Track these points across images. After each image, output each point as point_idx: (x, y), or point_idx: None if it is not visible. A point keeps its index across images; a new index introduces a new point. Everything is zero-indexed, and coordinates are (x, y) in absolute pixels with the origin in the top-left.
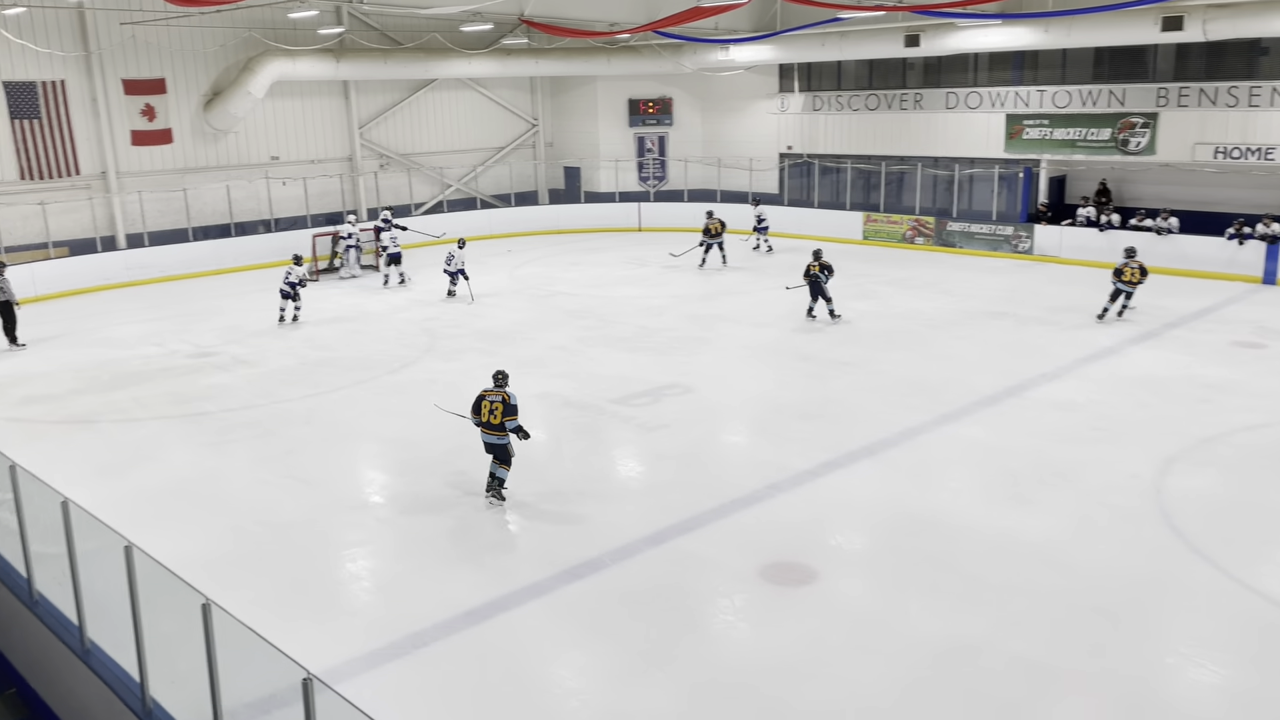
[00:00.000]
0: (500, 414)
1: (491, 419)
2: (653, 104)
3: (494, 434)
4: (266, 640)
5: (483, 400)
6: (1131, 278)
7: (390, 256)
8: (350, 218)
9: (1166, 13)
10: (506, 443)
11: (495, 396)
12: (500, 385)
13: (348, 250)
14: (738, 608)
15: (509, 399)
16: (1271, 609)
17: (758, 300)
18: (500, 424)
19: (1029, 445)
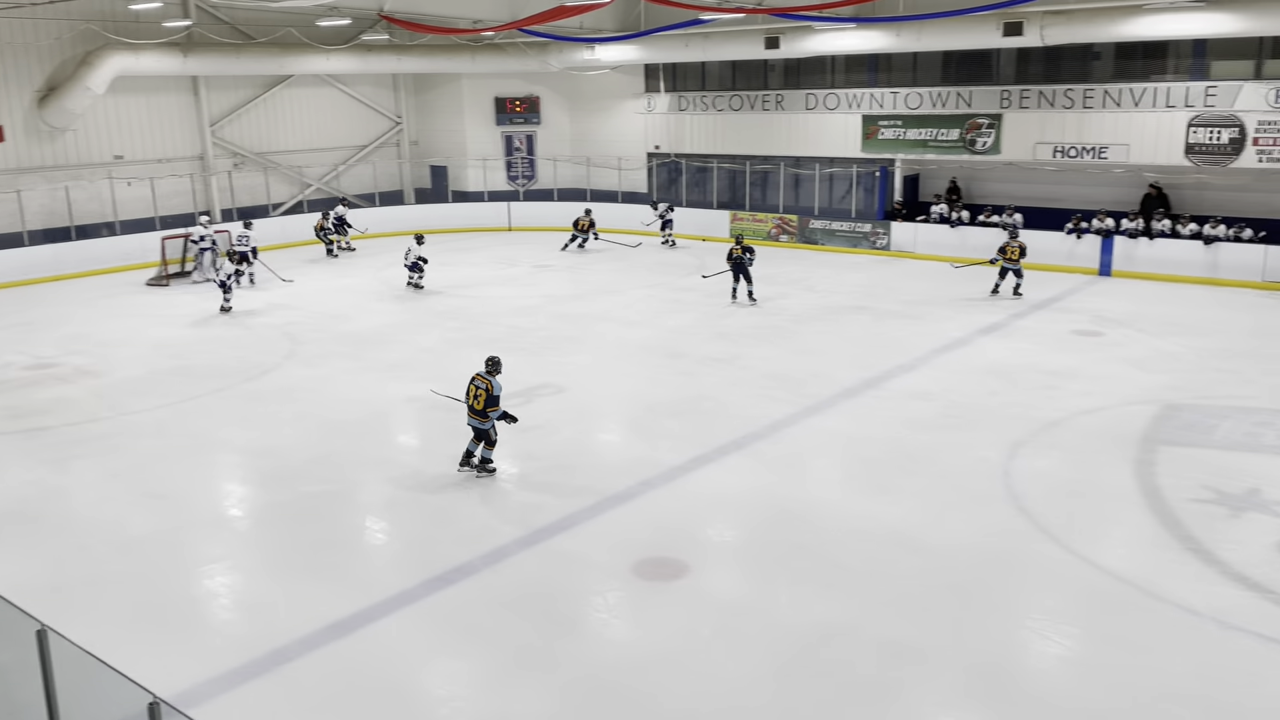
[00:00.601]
0: (483, 401)
1: (475, 404)
2: (520, 103)
3: (476, 418)
4: (108, 665)
5: (470, 384)
6: (1012, 255)
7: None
8: (203, 219)
9: (1007, 18)
10: (489, 427)
11: (480, 383)
12: (489, 373)
13: (201, 254)
14: (611, 605)
15: (492, 388)
16: (1111, 582)
17: (629, 299)
18: (483, 410)
19: (887, 434)
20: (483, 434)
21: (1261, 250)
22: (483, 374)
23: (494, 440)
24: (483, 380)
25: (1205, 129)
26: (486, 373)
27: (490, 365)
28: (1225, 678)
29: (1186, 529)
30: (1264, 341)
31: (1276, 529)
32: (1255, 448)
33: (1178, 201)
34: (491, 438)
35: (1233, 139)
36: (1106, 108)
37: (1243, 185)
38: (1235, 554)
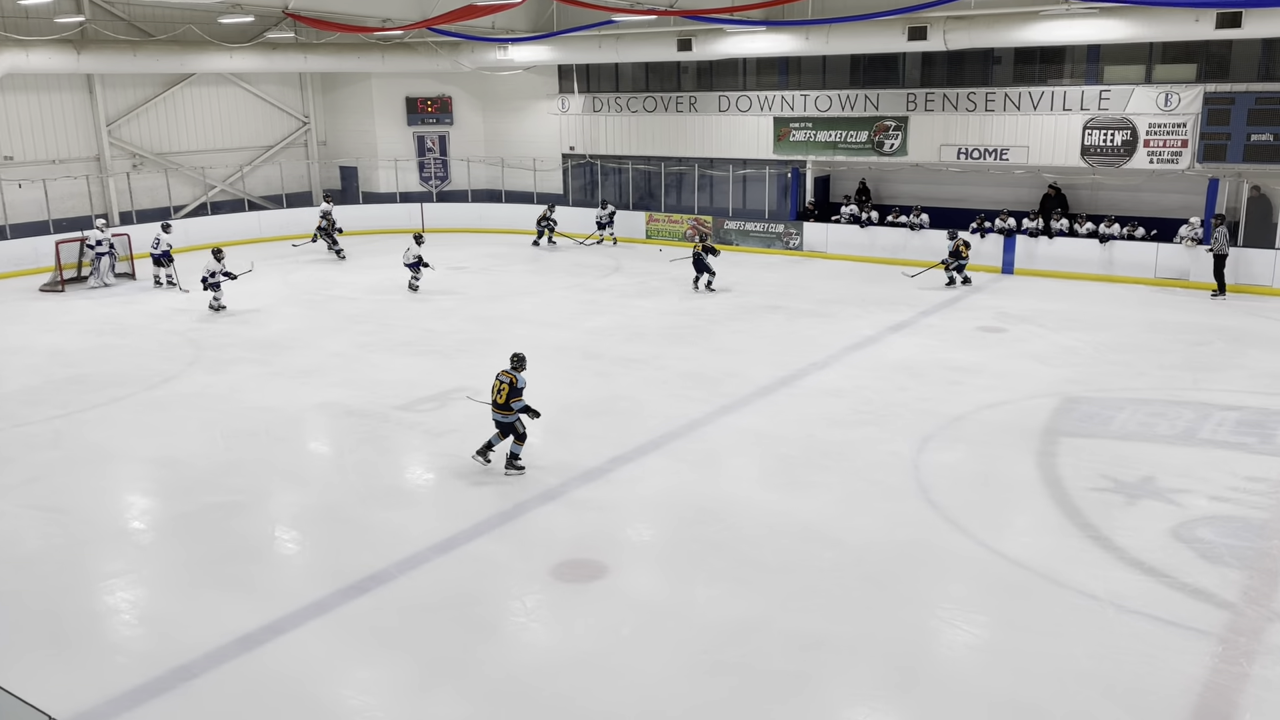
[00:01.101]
0: (505, 395)
1: (498, 398)
2: (432, 102)
3: (500, 412)
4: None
5: (495, 379)
6: (966, 253)
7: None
8: (99, 223)
9: (912, 23)
10: (514, 421)
11: (504, 378)
12: (514, 368)
13: (99, 258)
14: (530, 609)
15: (515, 382)
16: (1016, 570)
17: (545, 300)
18: (506, 404)
19: (801, 431)
20: (508, 428)
21: (1153, 248)
22: (508, 369)
23: (523, 434)
24: (507, 375)
25: (1100, 131)
26: (512, 368)
27: (515, 361)
28: (1124, 659)
29: (1086, 517)
30: (1156, 336)
31: (1170, 515)
32: (1150, 437)
33: (1075, 201)
34: (519, 430)
35: (1125, 141)
36: (1007, 111)
37: (1135, 185)
38: (1132, 540)
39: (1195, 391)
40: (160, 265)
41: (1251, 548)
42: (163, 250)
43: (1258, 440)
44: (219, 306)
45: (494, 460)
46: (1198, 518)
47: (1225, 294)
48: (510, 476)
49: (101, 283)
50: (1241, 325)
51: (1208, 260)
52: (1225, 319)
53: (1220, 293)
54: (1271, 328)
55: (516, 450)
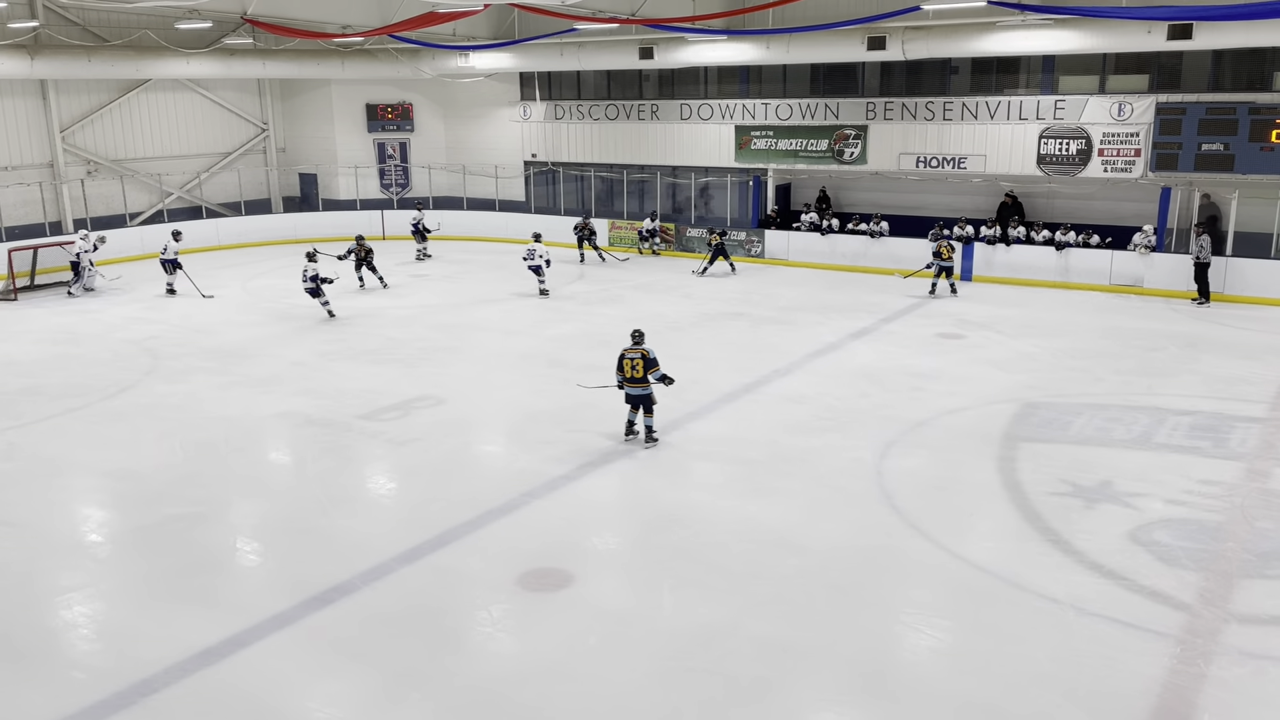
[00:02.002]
0: (642, 368)
1: (635, 374)
2: (392, 109)
3: (638, 386)
4: None
5: (624, 359)
6: (948, 254)
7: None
8: (82, 232)
9: (871, 33)
10: (649, 392)
11: (634, 354)
12: (638, 343)
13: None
14: (496, 619)
15: (647, 354)
16: (978, 575)
17: (508, 308)
18: (644, 377)
19: (765, 437)
20: (643, 400)
21: (1108, 255)
22: (634, 346)
23: (654, 405)
24: (635, 350)
25: (1055, 140)
26: (636, 344)
27: (639, 337)
28: (1084, 661)
29: (1046, 521)
30: (1112, 341)
31: (1127, 519)
32: (1107, 442)
33: (1031, 209)
34: (654, 400)
35: (1080, 150)
36: (965, 120)
37: (1090, 194)
38: (1090, 543)
39: (1150, 397)
40: (169, 272)
41: (1206, 550)
42: (170, 257)
43: (1211, 444)
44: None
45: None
46: (1154, 521)
47: (1209, 301)
48: (649, 448)
49: (83, 289)
50: (1194, 331)
51: (1163, 266)
52: (1178, 325)
53: (1204, 300)
54: (1223, 333)
55: (650, 423)
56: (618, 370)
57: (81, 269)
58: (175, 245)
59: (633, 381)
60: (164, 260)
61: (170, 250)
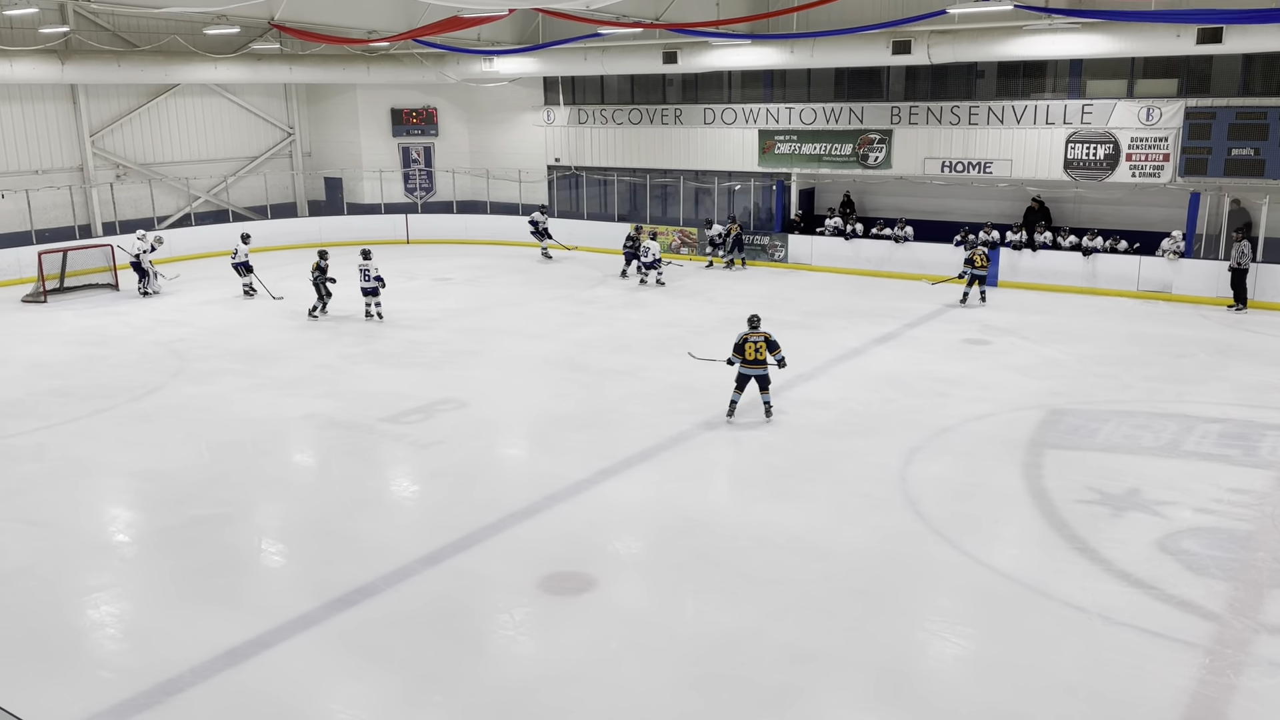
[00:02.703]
0: (764, 349)
1: (758, 355)
2: (416, 114)
3: (757, 367)
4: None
5: (746, 342)
6: (982, 263)
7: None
8: (140, 231)
9: (896, 37)
10: (766, 372)
11: (757, 337)
12: (757, 328)
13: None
14: (518, 622)
15: (769, 337)
16: (1003, 582)
17: (531, 312)
18: (764, 359)
19: (788, 442)
20: (761, 379)
21: (1136, 261)
22: (753, 330)
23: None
24: (758, 334)
25: (1082, 145)
26: (755, 329)
27: (757, 320)
28: (1112, 671)
29: (1072, 529)
30: (1140, 348)
31: (1156, 527)
32: (1134, 449)
33: (1058, 214)
34: (769, 379)
35: (1108, 155)
36: (990, 124)
37: (1118, 199)
38: (1118, 552)
39: (1179, 404)
40: (243, 274)
41: (1236, 559)
42: (242, 260)
43: (1241, 452)
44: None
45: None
46: (1183, 529)
47: (1245, 307)
48: (770, 420)
49: (156, 289)
50: (1223, 338)
51: (1191, 272)
52: (1207, 331)
53: (1240, 306)
54: (1253, 340)
55: (768, 398)
56: (736, 352)
57: (145, 270)
58: (245, 248)
59: (753, 363)
60: (236, 264)
61: (241, 253)
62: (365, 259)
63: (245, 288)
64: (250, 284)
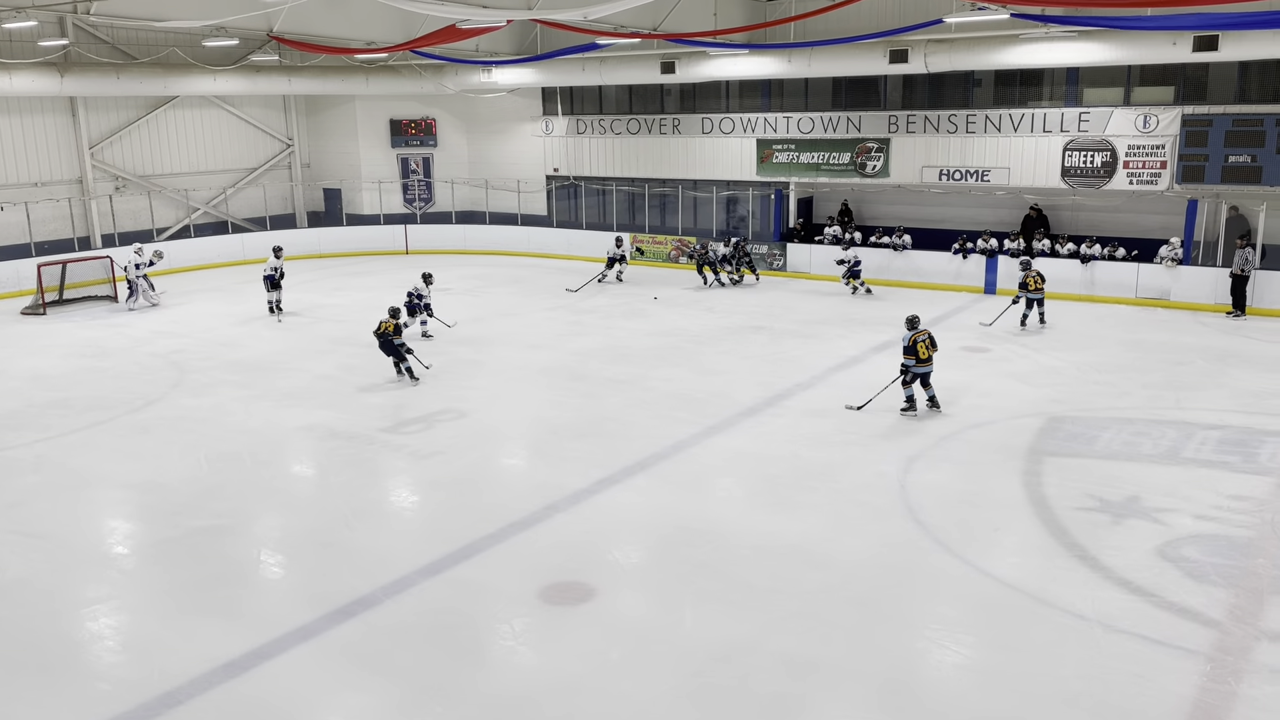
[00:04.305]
0: (932, 346)
1: (930, 352)
2: (415, 125)
3: (929, 364)
4: None
5: (919, 343)
6: (1036, 285)
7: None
8: (137, 245)
9: (893, 46)
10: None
11: (924, 335)
12: (918, 326)
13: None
14: (517, 632)
15: (931, 334)
16: (1004, 591)
17: (530, 322)
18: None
19: (788, 451)
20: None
21: (1134, 268)
22: (918, 330)
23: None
24: (923, 333)
25: (1080, 153)
26: (917, 328)
27: (916, 320)
28: (1113, 679)
29: (1072, 537)
30: (1138, 355)
31: (1156, 534)
32: (1134, 456)
33: (1056, 222)
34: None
35: (1105, 162)
36: (988, 133)
37: (1115, 206)
38: (1118, 559)
39: (1178, 411)
40: (269, 289)
41: (1237, 566)
42: (269, 273)
43: (1240, 459)
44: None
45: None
46: (1183, 536)
47: (1244, 314)
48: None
49: (149, 303)
50: (1222, 344)
51: (1190, 279)
52: (1206, 338)
53: (1239, 312)
54: (1252, 346)
55: (933, 392)
56: (909, 354)
57: (134, 285)
58: (275, 261)
59: (927, 361)
60: (266, 277)
61: (269, 267)
62: (425, 282)
63: (271, 304)
64: (277, 300)
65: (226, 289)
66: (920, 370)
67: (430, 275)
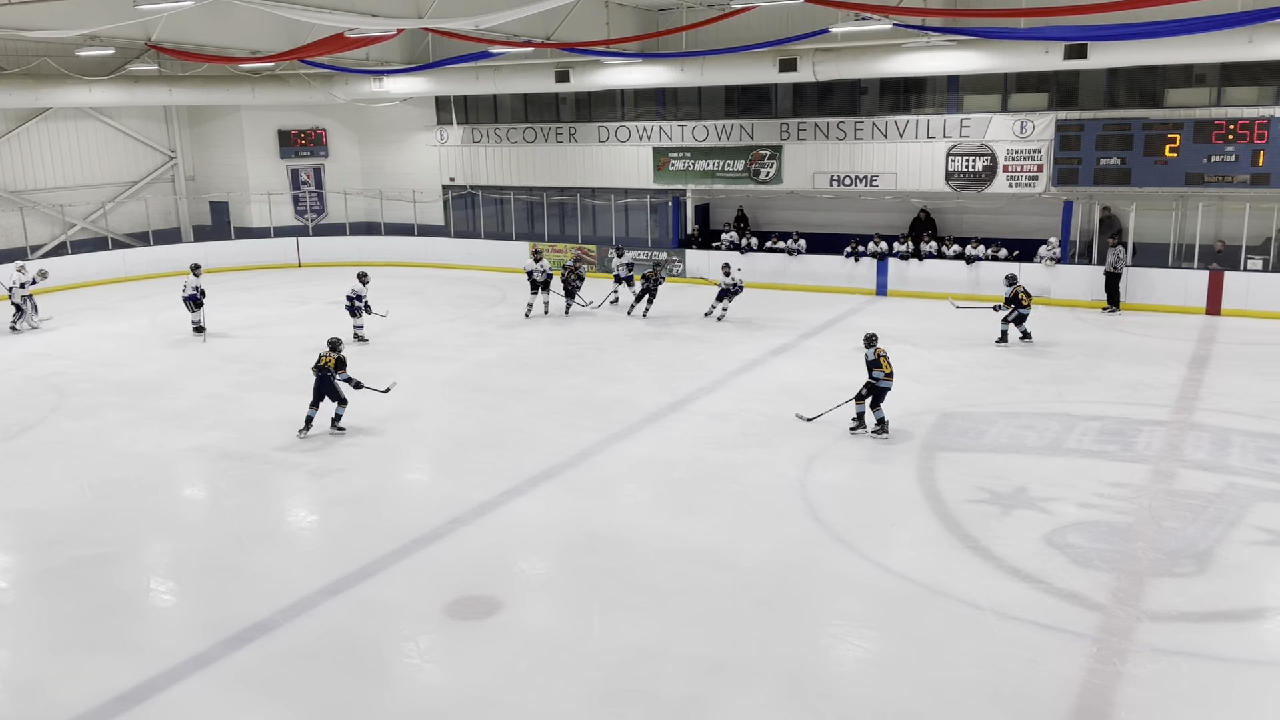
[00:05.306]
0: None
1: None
2: (305, 135)
3: (891, 380)
4: None
5: (883, 357)
6: (1028, 301)
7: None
8: (19, 263)
9: (782, 55)
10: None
11: (884, 351)
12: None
13: (26, 299)
14: (423, 649)
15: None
16: (902, 584)
17: (430, 333)
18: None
19: (691, 455)
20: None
21: (1016, 268)
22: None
23: None
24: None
25: (962, 158)
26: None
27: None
28: (1006, 665)
29: (965, 529)
30: (1022, 351)
31: (1042, 523)
32: (1020, 449)
33: (942, 225)
34: None
35: (986, 167)
36: (875, 139)
37: (997, 209)
38: (1008, 549)
39: (1060, 404)
40: (191, 309)
41: (1118, 551)
42: (190, 293)
43: (1119, 448)
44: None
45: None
46: (1068, 524)
47: (1119, 309)
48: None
49: (31, 325)
50: (1099, 339)
51: (1068, 277)
52: (1084, 334)
53: (1114, 308)
54: (1126, 340)
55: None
56: (877, 367)
57: (20, 305)
58: (195, 280)
59: (890, 377)
60: (185, 298)
61: (189, 286)
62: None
63: (195, 325)
64: (200, 321)
65: (108, 307)
66: (885, 385)
67: (366, 274)
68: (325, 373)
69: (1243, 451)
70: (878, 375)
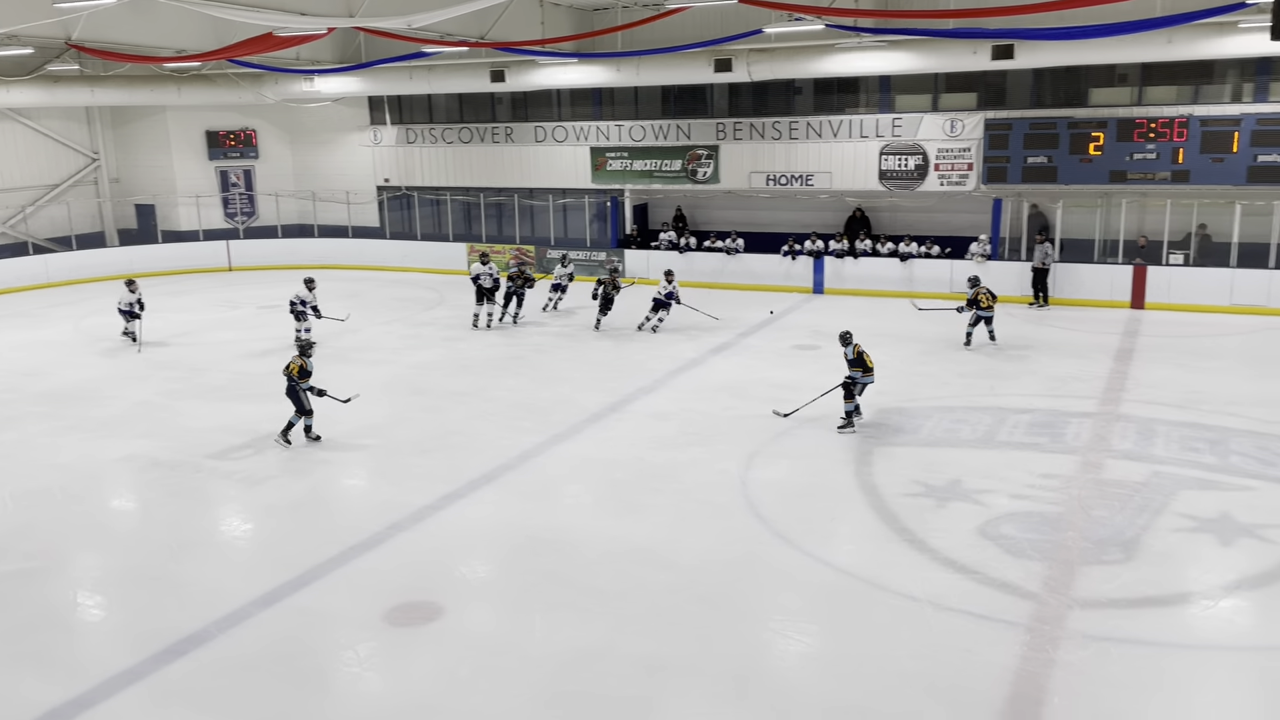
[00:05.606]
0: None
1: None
2: (234, 136)
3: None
4: None
5: (864, 354)
6: (986, 303)
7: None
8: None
9: (718, 55)
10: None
11: (862, 347)
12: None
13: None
14: (363, 657)
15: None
16: (842, 578)
17: (366, 337)
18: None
19: (632, 455)
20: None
21: (948, 264)
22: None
23: None
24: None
25: (895, 157)
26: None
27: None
28: (943, 656)
29: (902, 522)
30: (955, 347)
31: (976, 515)
32: (954, 442)
33: (876, 223)
34: None
35: (918, 165)
36: (810, 139)
37: (929, 206)
38: (944, 541)
39: (992, 397)
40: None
41: (1049, 540)
42: (125, 307)
43: (1049, 439)
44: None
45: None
46: (1001, 515)
47: (1047, 304)
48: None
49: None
50: (1028, 333)
51: (998, 273)
52: (1014, 328)
53: (1041, 303)
54: (1054, 334)
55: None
56: (856, 365)
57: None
58: (130, 295)
59: (870, 372)
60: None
61: (125, 301)
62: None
63: (130, 335)
64: (133, 331)
65: (29, 314)
66: (866, 380)
67: (312, 280)
68: (290, 380)
69: (1166, 441)
70: (855, 374)
